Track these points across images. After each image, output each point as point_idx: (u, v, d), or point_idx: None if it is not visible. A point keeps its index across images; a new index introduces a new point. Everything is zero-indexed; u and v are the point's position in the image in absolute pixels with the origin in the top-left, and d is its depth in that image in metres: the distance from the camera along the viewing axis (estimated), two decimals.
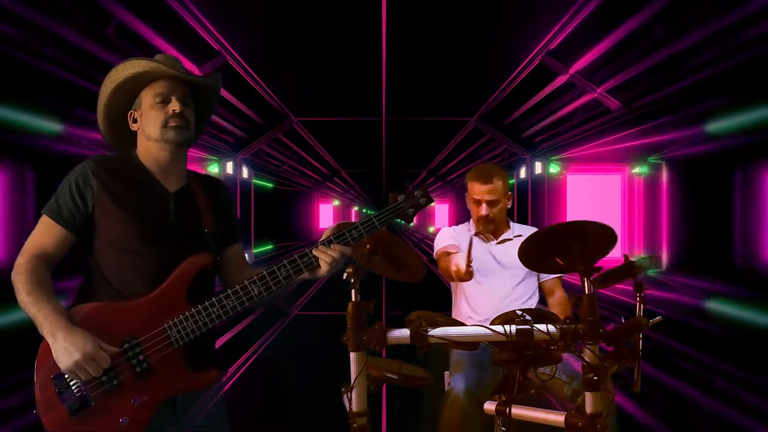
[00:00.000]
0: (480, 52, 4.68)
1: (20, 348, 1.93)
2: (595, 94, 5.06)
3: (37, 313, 1.57)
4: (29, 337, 1.65)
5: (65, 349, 1.53)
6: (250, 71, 5.00)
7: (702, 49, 3.91)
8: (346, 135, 7.62)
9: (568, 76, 5.02)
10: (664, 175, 5.96)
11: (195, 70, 4.56)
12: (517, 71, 5.18)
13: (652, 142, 5.55)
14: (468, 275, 2.21)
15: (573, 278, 2.29)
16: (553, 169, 6.99)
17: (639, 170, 6.36)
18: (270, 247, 9.46)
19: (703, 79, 4.02)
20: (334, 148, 8.59)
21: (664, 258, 5.97)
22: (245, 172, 7.42)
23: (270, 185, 9.55)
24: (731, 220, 4.59)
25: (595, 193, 6.71)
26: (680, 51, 4.05)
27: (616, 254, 2.11)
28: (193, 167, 1.90)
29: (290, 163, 9.52)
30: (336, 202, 18.29)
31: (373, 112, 5.89)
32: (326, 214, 16.98)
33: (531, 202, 7.62)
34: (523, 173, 7.87)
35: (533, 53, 4.77)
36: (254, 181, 8.14)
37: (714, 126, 4.12)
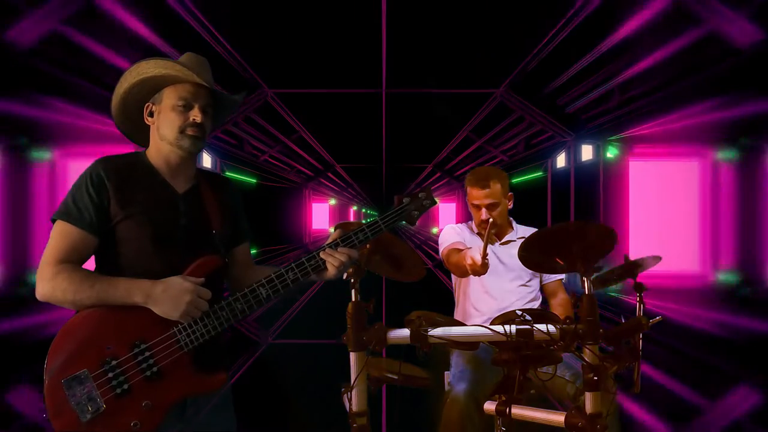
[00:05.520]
0: (506, 6, 3.65)
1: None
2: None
3: (114, 293, 1.56)
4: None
5: (171, 299, 1.56)
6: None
7: None
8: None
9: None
10: None
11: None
12: (558, 27, 3.90)
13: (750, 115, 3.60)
14: (483, 268, 2.21)
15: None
16: (611, 153, 5.06)
17: (726, 155, 4.25)
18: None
19: None
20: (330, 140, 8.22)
21: None
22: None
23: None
24: None
25: (665, 185, 4.64)
26: None
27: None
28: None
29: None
30: (332, 201, 16.96)
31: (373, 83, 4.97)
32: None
33: (575, 198, 5.86)
34: (561, 161, 6.16)
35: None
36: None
37: None
